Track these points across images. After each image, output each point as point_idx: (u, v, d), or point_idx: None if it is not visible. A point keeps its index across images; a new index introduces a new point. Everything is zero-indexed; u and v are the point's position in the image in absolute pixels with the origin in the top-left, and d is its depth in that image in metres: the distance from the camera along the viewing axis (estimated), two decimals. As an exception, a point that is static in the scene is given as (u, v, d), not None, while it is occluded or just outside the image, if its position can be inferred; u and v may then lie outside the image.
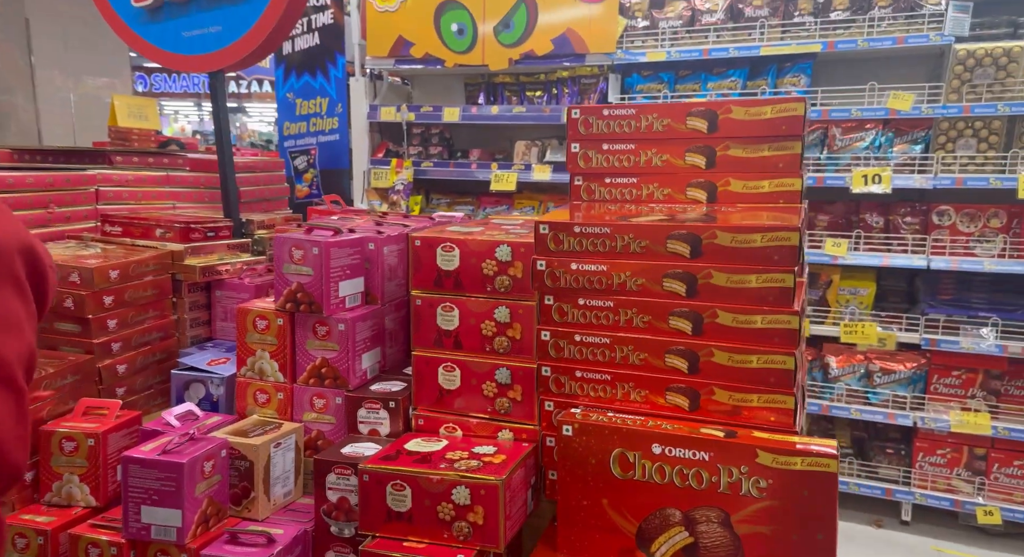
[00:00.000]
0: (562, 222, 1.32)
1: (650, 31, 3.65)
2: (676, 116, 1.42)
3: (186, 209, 2.30)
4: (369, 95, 4.62)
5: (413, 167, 4.48)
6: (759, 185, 1.38)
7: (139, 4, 2.01)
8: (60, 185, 1.87)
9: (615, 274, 1.28)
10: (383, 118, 4.48)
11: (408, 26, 4.21)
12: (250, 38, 1.96)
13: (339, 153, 4.94)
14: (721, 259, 1.20)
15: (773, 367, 1.18)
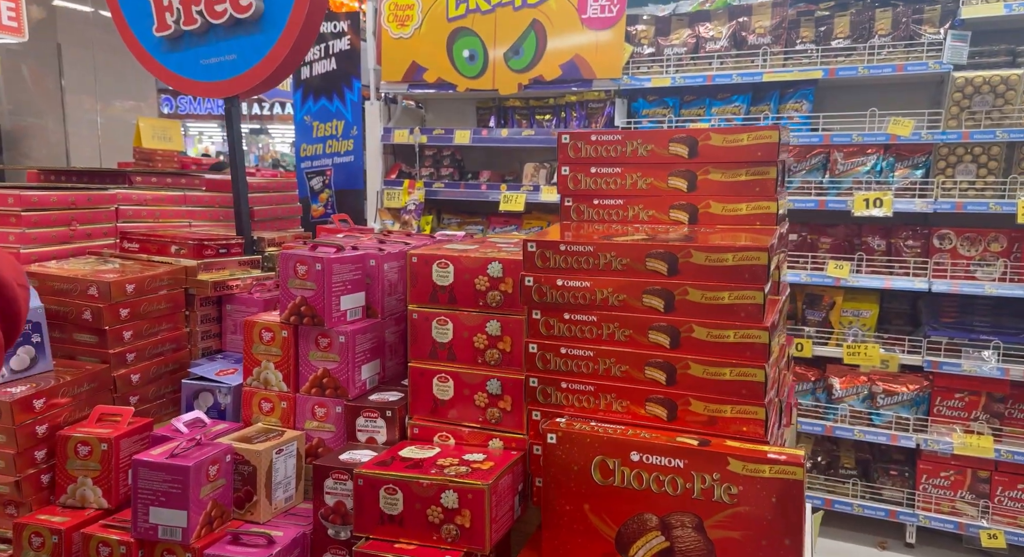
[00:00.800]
0: (548, 240, 1.40)
1: (656, 58, 3.75)
2: (659, 142, 1.50)
3: (201, 227, 2.40)
4: (383, 118, 4.76)
5: (425, 188, 4.59)
6: (737, 208, 1.45)
7: (160, 34, 2.14)
8: (82, 204, 1.99)
9: (598, 290, 1.35)
10: (396, 140, 4.61)
11: (422, 52, 4.34)
12: (264, 65, 2.08)
13: (354, 174, 5.07)
14: (696, 277, 1.27)
15: (745, 379, 1.24)
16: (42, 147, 8.94)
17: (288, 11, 2.00)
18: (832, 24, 3.37)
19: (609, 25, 3.74)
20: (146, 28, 2.15)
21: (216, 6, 2.05)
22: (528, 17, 3.97)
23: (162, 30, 2.13)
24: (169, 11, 2.10)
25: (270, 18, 2.04)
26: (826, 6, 3.41)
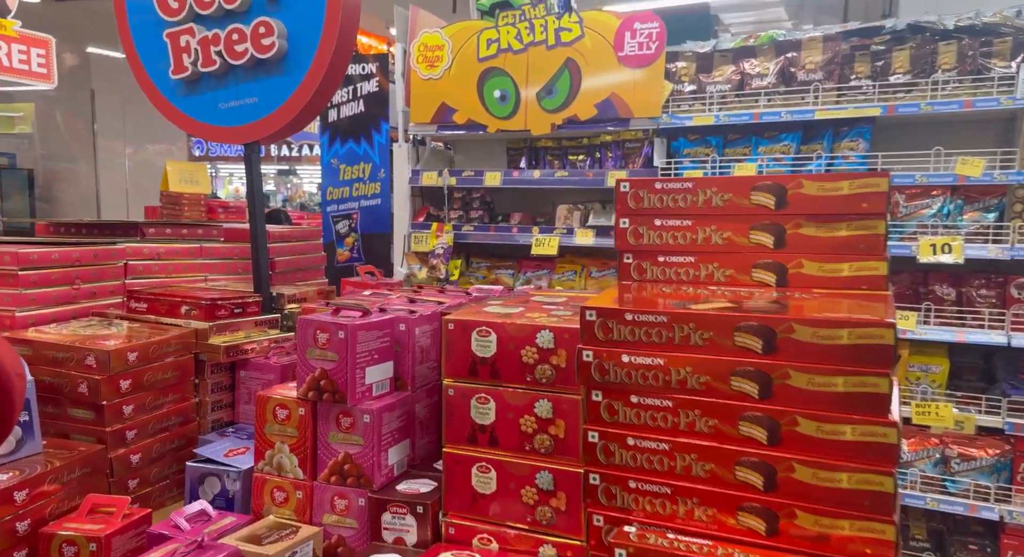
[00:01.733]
0: (611, 308, 1.18)
1: (697, 95, 3.56)
2: (739, 190, 1.28)
3: (218, 281, 2.23)
4: (412, 160, 4.62)
5: (454, 231, 4.41)
6: (837, 268, 1.22)
7: (177, 76, 2.00)
8: (87, 260, 1.82)
9: (674, 369, 1.12)
10: (425, 183, 4.45)
11: (451, 93, 4.22)
12: (286, 110, 1.92)
13: (381, 217, 4.93)
14: (800, 357, 1.03)
15: (868, 488, 0.99)
16: (74, 191, 9.03)
17: (313, 52, 1.85)
18: (890, 59, 3.16)
19: (647, 63, 3.58)
20: (162, 71, 2.01)
21: (236, 46, 1.90)
22: (562, 56, 3.83)
23: (179, 72, 1.98)
24: (187, 52, 1.96)
25: (294, 60, 1.88)
26: (881, 40, 3.20)
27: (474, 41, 4.13)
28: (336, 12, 1.81)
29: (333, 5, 1.80)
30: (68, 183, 8.95)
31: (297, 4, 1.85)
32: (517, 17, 3.98)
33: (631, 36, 3.61)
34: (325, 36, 1.83)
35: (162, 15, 1.96)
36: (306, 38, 1.86)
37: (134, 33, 2.03)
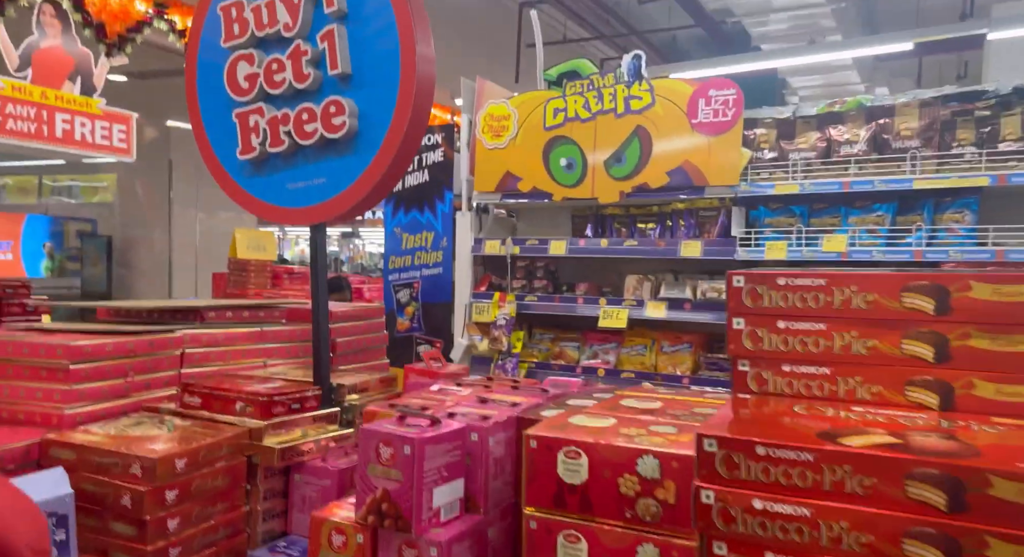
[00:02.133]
0: (738, 440, 0.96)
1: (779, 163, 3.36)
2: (886, 290, 1.07)
3: (277, 366, 2.10)
4: (475, 228, 4.53)
5: (516, 301, 4.26)
6: (1020, 391, 0.98)
7: (244, 157, 1.93)
8: (142, 351, 1.72)
9: (824, 523, 0.89)
10: (488, 251, 4.34)
11: (516, 162, 4.14)
12: (355, 190, 1.81)
13: (442, 287, 4.83)
14: (1001, 520, 0.80)
15: None
16: (148, 257, 9.36)
17: (384, 131, 1.75)
18: (997, 125, 2.90)
19: (723, 130, 3.41)
20: (230, 151, 1.95)
21: (306, 126, 1.82)
22: (631, 124, 3.71)
23: (247, 153, 1.92)
24: (255, 132, 1.90)
25: (364, 139, 1.79)
26: (986, 105, 2.96)
27: (540, 111, 4.06)
28: (410, 91, 1.71)
29: (407, 84, 1.71)
30: (144, 249, 9.29)
31: (370, 83, 1.77)
32: (585, 86, 3.90)
33: (705, 103, 3.47)
34: (397, 115, 1.73)
35: (232, 95, 1.92)
36: (378, 117, 1.76)
37: (204, 113, 1.99)
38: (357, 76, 1.79)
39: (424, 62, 1.72)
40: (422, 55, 1.71)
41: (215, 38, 1.94)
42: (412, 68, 1.71)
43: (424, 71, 1.73)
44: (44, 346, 1.57)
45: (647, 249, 3.72)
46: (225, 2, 1.91)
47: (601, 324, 3.84)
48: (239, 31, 1.89)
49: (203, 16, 1.97)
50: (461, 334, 4.48)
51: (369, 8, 1.75)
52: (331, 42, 1.78)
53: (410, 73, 1.71)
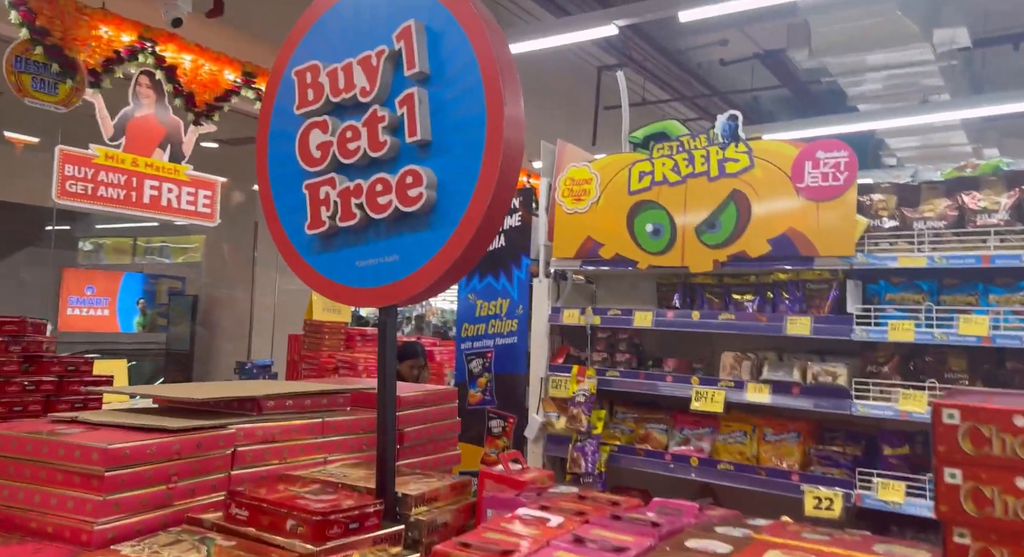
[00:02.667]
0: None
1: (901, 232, 2.98)
2: None
3: (337, 464, 1.87)
4: (552, 297, 4.27)
5: (597, 376, 3.93)
6: None
7: (313, 231, 1.76)
8: (189, 452, 1.51)
9: None
10: (566, 321, 4.07)
11: (598, 227, 3.90)
12: (431, 268, 1.60)
13: (516, 357, 4.56)
14: None
15: None
16: (230, 316, 9.56)
17: (465, 205, 1.54)
18: None
19: (834, 195, 3.07)
20: (298, 226, 1.78)
21: (379, 198, 1.64)
22: (727, 188, 3.42)
23: (315, 227, 1.75)
24: (326, 205, 1.73)
25: (442, 212, 1.58)
26: None
27: (625, 174, 3.83)
28: (495, 160, 1.50)
29: (492, 152, 1.50)
30: (227, 309, 9.51)
31: (451, 151, 1.57)
32: (674, 148, 3.65)
33: (812, 166, 3.15)
34: (480, 186, 1.52)
35: (303, 165, 1.76)
36: (459, 188, 1.56)
37: (273, 185, 1.84)
38: (437, 143, 1.60)
39: (512, 127, 1.52)
40: (510, 119, 1.51)
41: (288, 105, 1.81)
42: (499, 133, 1.50)
43: (512, 137, 1.52)
44: (80, 448, 1.40)
45: (748, 325, 3.36)
46: (300, 66, 1.78)
47: (694, 407, 3.46)
48: (313, 97, 1.75)
49: (277, 82, 1.85)
50: (536, 410, 4.17)
51: (454, 69, 1.57)
52: (410, 107, 1.60)
53: (496, 139, 1.50)
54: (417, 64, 1.59)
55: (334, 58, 1.73)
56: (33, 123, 6.50)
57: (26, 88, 3.65)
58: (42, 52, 3.69)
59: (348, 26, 1.71)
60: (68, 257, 9.85)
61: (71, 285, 9.63)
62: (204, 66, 4.49)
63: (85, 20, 3.88)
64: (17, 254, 8.79)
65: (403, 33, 1.61)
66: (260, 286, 9.43)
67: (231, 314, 9.55)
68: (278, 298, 8.91)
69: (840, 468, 3.19)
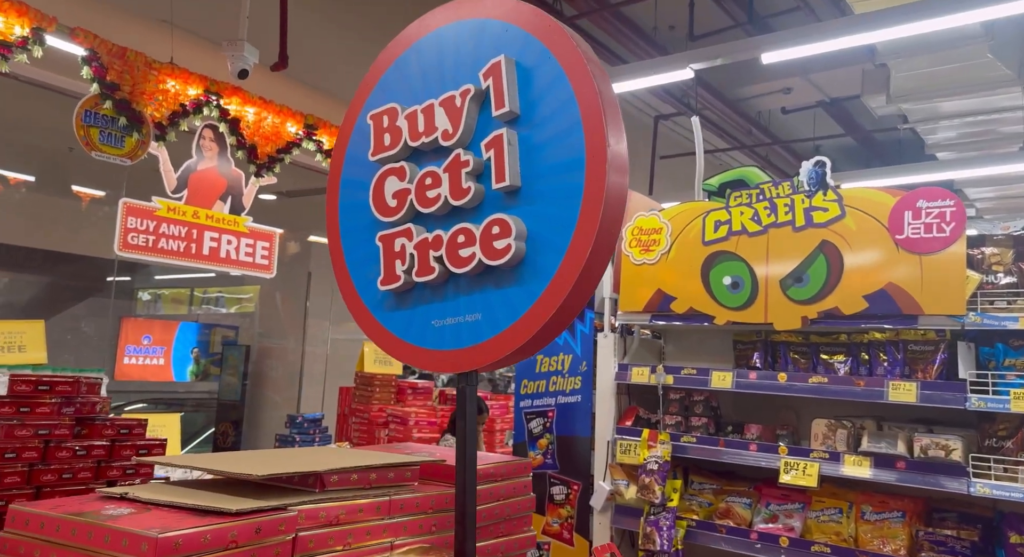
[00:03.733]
0: None
1: (1019, 290, 2.67)
2: None
3: (404, 549, 1.65)
4: (618, 353, 4.03)
5: (671, 441, 3.64)
6: None
7: (386, 287, 1.59)
8: (246, 539, 1.32)
9: None
10: (634, 380, 3.81)
11: (670, 279, 3.67)
12: (518, 330, 1.40)
13: (580, 418, 4.29)
14: None
15: None
16: (281, 366, 9.53)
17: (560, 257, 1.35)
18: None
19: (940, 248, 2.80)
20: (369, 281, 1.62)
21: (461, 251, 1.47)
22: (815, 239, 3.17)
23: (389, 283, 1.58)
24: (400, 258, 1.56)
25: (533, 266, 1.40)
26: None
27: (698, 223, 3.61)
28: (596, 207, 1.32)
29: (593, 198, 1.32)
30: (278, 359, 9.49)
31: (544, 198, 1.40)
32: (754, 197, 3.43)
33: (913, 216, 2.88)
34: (578, 237, 1.34)
35: (377, 215, 1.62)
36: (552, 240, 1.38)
37: (344, 236, 1.70)
38: (528, 190, 1.43)
39: (616, 170, 1.34)
40: (614, 160, 1.33)
41: (362, 152, 1.68)
42: (601, 177, 1.32)
43: (615, 181, 1.34)
44: (128, 536, 1.22)
45: (841, 389, 3.05)
46: (376, 110, 1.65)
47: (783, 480, 3.12)
48: (390, 142, 1.61)
49: (350, 127, 1.73)
50: (603, 477, 3.87)
51: (549, 106, 1.40)
52: (498, 150, 1.44)
53: (598, 184, 1.33)
54: (507, 103, 1.44)
55: (414, 100, 1.59)
56: (99, 177, 6.69)
57: (94, 142, 3.69)
58: (111, 106, 3.74)
59: (430, 65, 1.58)
60: (127, 307, 10.04)
61: (129, 334, 9.78)
62: (267, 119, 4.51)
63: (153, 74, 3.94)
64: (78, 305, 8.99)
65: (491, 70, 1.46)
66: (311, 337, 9.41)
67: (282, 365, 9.53)
68: (330, 349, 8.85)
69: (956, 555, 2.80)
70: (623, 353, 4.04)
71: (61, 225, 7.25)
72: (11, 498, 1.88)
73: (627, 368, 3.85)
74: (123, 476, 2.06)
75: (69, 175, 6.75)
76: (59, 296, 8.42)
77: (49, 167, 6.52)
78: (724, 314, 3.47)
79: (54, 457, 1.99)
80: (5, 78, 3.41)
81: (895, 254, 2.91)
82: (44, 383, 2.07)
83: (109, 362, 8.84)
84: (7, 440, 1.93)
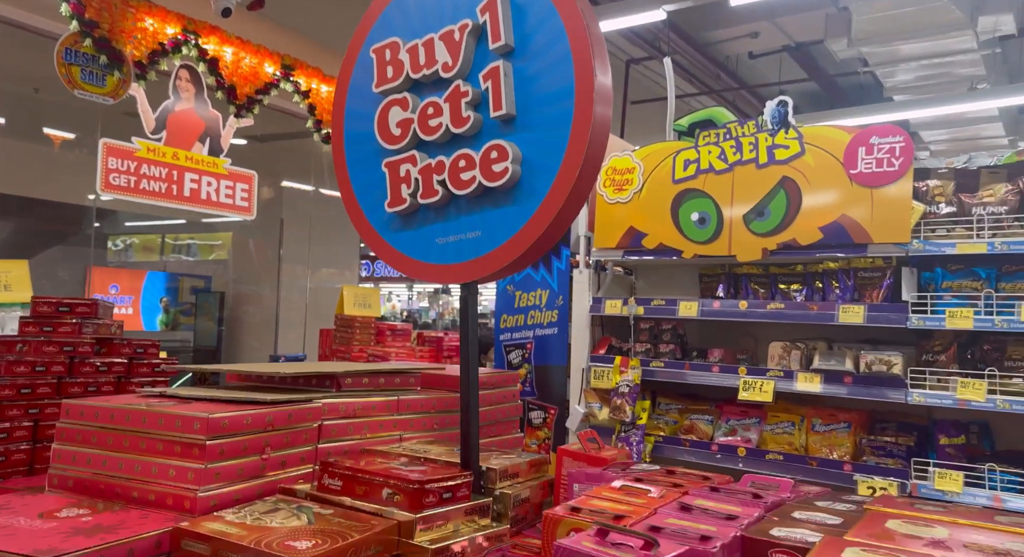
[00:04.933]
0: None
1: (958, 219, 2.94)
2: None
3: (412, 440, 1.88)
4: (592, 287, 4.26)
5: (641, 367, 3.92)
6: None
7: (392, 209, 1.76)
8: (280, 424, 1.52)
9: None
10: (608, 312, 4.05)
11: (641, 217, 3.88)
12: (513, 245, 1.59)
13: (557, 348, 4.55)
14: None
15: None
16: (257, 313, 9.63)
17: (551, 178, 1.53)
18: None
19: (890, 181, 3.04)
20: (377, 205, 1.79)
21: (462, 174, 1.64)
22: (776, 175, 3.39)
23: (395, 205, 1.75)
24: (406, 182, 1.73)
25: (527, 187, 1.58)
26: None
27: (669, 162, 3.81)
28: (584, 133, 1.49)
29: (581, 125, 1.49)
30: (253, 306, 9.58)
31: (537, 125, 1.57)
32: (721, 136, 3.63)
33: (866, 151, 3.11)
34: (568, 160, 1.52)
35: (383, 143, 1.77)
36: (544, 163, 1.55)
37: (350, 165, 1.85)
38: (522, 118, 1.60)
39: (602, 100, 1.51)
40: (601, 90, 1.50)
41: (366, 84, 1.81)
42: (589, 106, 1.49)
43: (601, 111, 1.51)
44: (180, 418, 1.41)
45: (796, 313, 3.32)
46: (379, 44, 1.78)
47: (742, 396, 3.43)
48: (392, 74, 1.76)
49: (353, 61, 1.85)
50: (578, 401, 4.16)
51: (541, 40, 1.56)
52: (495, 81, 1.60)
53: (586, 112, 1.50)
54: (502, 37, 1.59)
55: (414, 34, 1.73)
56: (70, 120, 6.58)
57: (76, 80, 3.70)
58: (91, 44, 3.73)
59: (429, 0, 1.72)
60: (98, 255, 9.96)
61: (96, 283, 9.72)
62: (245, 59, 4.52)
63: (131, 12, 3.92)
64: (48, 251, 8.90)
65: (488, 5, 1.61)
66: (286, 283, 9.49)
67: (258, 311, 9.63)
68: (310, 295, 8.97)
69: (894, 458, 3.15)
70: (597, 287, 4.28)
71: (32, 169, 7.14)
72: (44, 406, 2.05)
73: (601, 301, 4.09)
74: (141, 389, 2.24)
75: (39, 118, 6.62)
76: (29, 242, 8.32)
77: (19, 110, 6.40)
78: (692, 248, 3.70)
79: (79, 371, 2.14)
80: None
81: (849, 188, 3.15)
82: (65, 305, 2.21)
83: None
84: (36, 354, 2.07)
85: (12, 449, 1.96)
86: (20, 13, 4.02)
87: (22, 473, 1.97)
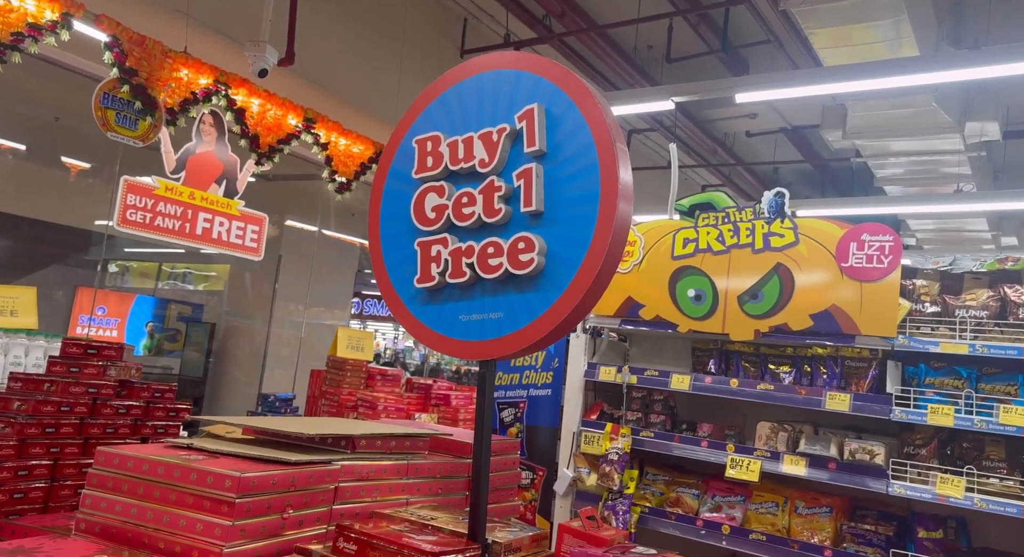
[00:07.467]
0: None
1: (942, 318, 3.10)
2: None
3: (418, 505, 1.96)
4: (588, 352, 4.38)
5: (631, 435, 4.00)
6: None
7: (420, 285, 1.89)
8: (303, 484, 1.61)
9: None
10: (602, 378, 4.17)
11: (639, 288, 4.04)
12: (534, 328, 1.72)
13: (549, 410, 4.64)
14: None
15: None
16: (246, 345, 9.63)
17: (573, 272, 1.67)
18: None
19: (878, 277, 3.21)
20: (406, 278, 1.92)
21: (491, 260, 1.78)
22: (771, 261, 3.56)
23: (424, 281, 1.88)
24: (436, 262, 1.86)
25: (550, 277, 1.72)
26: None
27: (669, 239, 3.99)
28: (606, 232, 1.64)
29: (604, 226, 1.65)
30: (243, 338, 9.59)
31: (563, 221, 1.72)
32: (720, 219, 3.82)
33: (857, 247, 3.30)
34: (590, 256, 1.66)
35: (417, 224, 1.91)
36: (568, 256, 1.70)
37: (384, 240, 1.99)
38: (550, 214, 1.75)
39: (624, 199, 1.67)
40: (623, 190, 1.66)
41: (406, 169, 1.97)
42: (612, 207, 1.65)
43: (623, 207, 1.67)
44: (212, 475, 1.49)
45: (784, 396, 3.45)
46: (421, 135, 1.94)
47: (729, 474, 3.52)
48: (432, 164, 1.91)
49: (395, 147, 2.01)
50: (567, 464, 4.22)
51: (570, 149, 1.72)
52: (527, 180, 1.75)
53: (609, 212, 1.65)
54: (537, 143, 1.76)
55: (455, 131, 1.89)
56: (89, 149, 6.74)
57: (111, 123, 3.86)
58: (128, 90, 3.91)
59: (471, 103, 1.88)
60: (97, 278, 9.99)
61: (83, 304, 9.70)
62: (270, 110, 4.71)
63: (168, 63, 4.11)
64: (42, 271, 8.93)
65: (526, 115, 1.78)
66: (278, 319, 9.53)
67: (248, 345, 9.63)
68: (305, 333, 9.00)
69: (873, 547, 3.23)
70: (592, 353, 4.40)
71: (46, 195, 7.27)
72: (64, 445, 2.11)
73: (596, 367, 4.20)
74: (154, 434, 2.30)
75: (56, 145, 6.78)
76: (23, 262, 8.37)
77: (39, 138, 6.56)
78: (687, 323, 3.85)
79: (100, 413, 2.22)
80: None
81: (840, 279, 3.32)
82: (93, 347, 2.29)
83: (63, 330, 8.81)
84: (63, 394, 2.15)
85: (30, 487, 2.02)
86: (69, 56, 4.21)
87: (37, 510, 2.03)
